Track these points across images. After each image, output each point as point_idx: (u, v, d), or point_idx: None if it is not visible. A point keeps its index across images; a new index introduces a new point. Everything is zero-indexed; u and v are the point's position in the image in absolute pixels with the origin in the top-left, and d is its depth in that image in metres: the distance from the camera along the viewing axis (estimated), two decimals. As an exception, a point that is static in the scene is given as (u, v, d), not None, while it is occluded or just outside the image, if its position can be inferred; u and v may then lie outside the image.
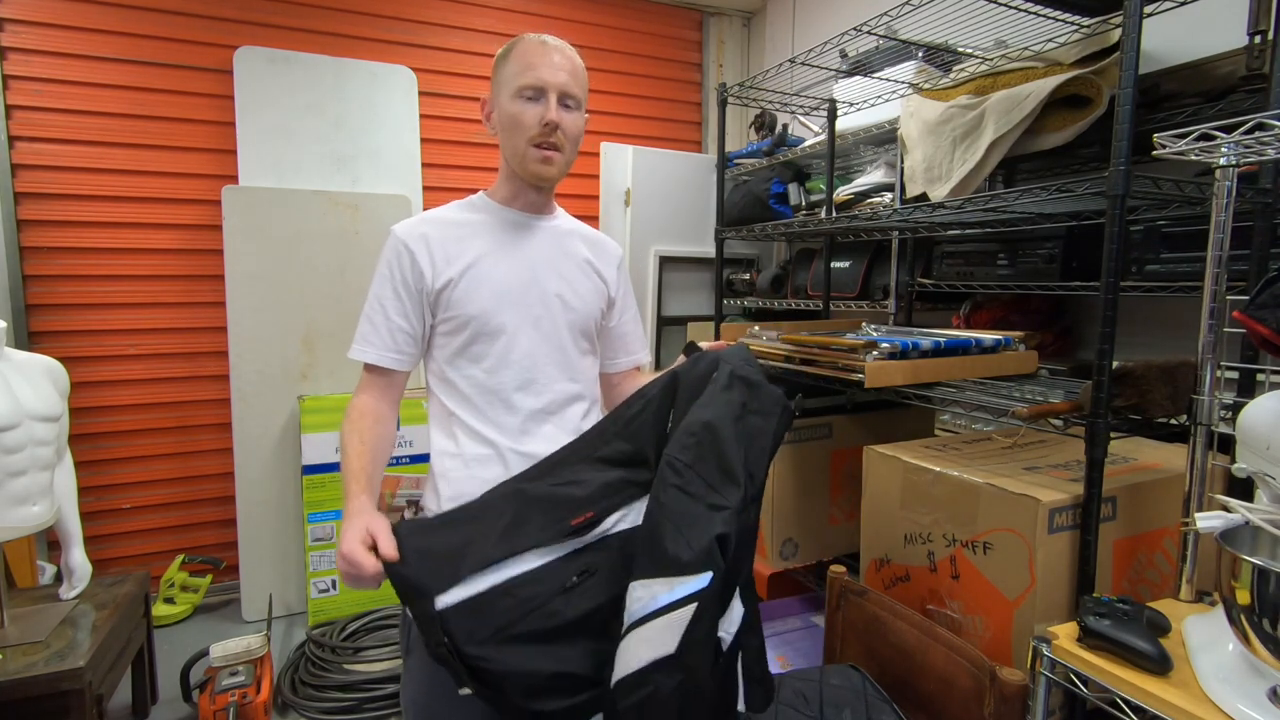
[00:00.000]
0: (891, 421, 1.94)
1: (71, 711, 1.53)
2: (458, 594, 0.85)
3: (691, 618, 0.78)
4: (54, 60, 2.43)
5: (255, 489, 2.61)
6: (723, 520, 0.81)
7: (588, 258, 1.20)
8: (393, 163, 2.84)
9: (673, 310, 3.14)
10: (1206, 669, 0.86)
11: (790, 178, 2.71)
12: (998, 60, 1.64)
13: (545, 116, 1.06)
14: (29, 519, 1.65)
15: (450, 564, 0.87)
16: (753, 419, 0.92)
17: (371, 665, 2.17)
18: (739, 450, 0.86)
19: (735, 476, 0.84)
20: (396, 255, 1.08)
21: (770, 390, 0.97)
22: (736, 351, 1.02)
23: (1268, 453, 0.91)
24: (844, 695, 1.20)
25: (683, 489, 0.83)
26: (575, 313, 1.16)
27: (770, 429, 0.93)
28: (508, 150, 1.11)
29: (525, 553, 0.90)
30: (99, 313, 2.56)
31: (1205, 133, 0.94)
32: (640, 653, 0.79)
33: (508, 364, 1.09)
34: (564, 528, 0.92)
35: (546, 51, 1.08)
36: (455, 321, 1.08)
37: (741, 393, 0.93)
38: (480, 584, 0.86)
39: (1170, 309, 1.68)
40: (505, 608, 0.85)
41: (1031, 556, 1.12)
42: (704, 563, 0.78)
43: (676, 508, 0.82)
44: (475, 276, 1.09)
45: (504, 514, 0.93)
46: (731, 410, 0.90)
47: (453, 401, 1.10)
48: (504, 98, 1.09)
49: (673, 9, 3.40)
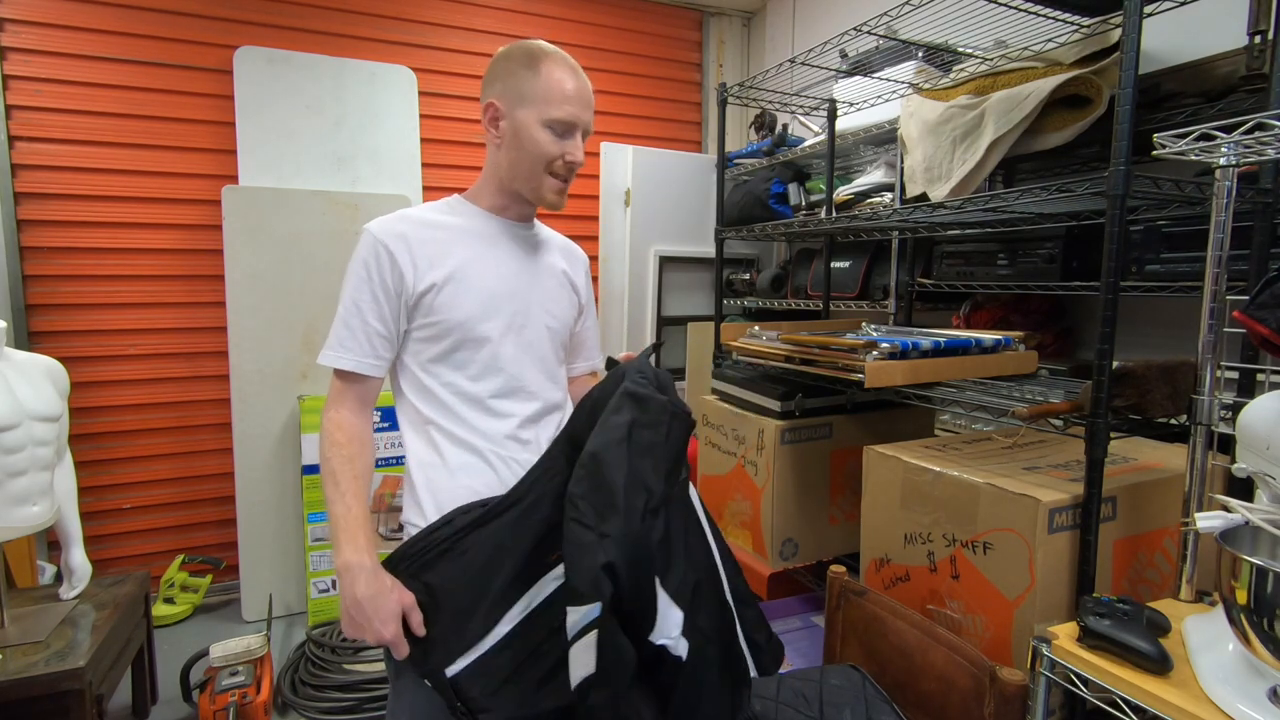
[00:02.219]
0: (891, 421, 1.94)
1: (71, 711, 1.53)
2: (465, 660, 0.92)
3: (598, 641, 0.83)
4: (54, 60, 2.43)
5: (255, 489, 2.61)
6: (605, 550, 0.84)
7: (564, 269, 1.21)
8: (393, 163, 2.84)
9: (673, 310, 3.14)
10: (1206, 669, 0.86)
11: (790, 178, 2.71)
12: (998, 60, 1.64)
13: (572, 156, 1.07)
14: (29, 519, 1.65)
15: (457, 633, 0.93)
16: (643, 433, 0.94)
17: (371, 665, 2.17)
18: (620, 473, 0.89)
19: (615, 503, 0.87)
20: (375, 256, 1.03)
21: (656, 401, 0.98)
22: (635, 364, 1.04)
23: (1268, 453, 0.91)
24: (844, 695, 1.20)
25: (579, 520, 0.87)
26: (555, 322, 1.16)
27: (660, 439, 0.96)
28: (519, 168, 1.08)
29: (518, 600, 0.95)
30: (99, 313, 2.56)
31: (1205, 133, 0.94)
32: (575, 670, 0.85)
33: (493, 372, 1.07)
34: (542, 564, 0.97)
35: (578, 82, 1.06)
36: (437, 328, 1.05)
37: (630, 410, 0.95)
38: (484, 646, 0.93)
39: (1170, 309, 1.68)
40: (505, 661, 0.93)
41: (1031, 556, 1.12)
42: (592, 593, 0.83)
43: (574, 539, 0.87)
44: (460, 282, 1.06)
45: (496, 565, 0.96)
46: (616, 434, 0.93)
47: (430, 408, 1.06)
48: (527, 118, 1.05)
49: (673, 9, 3.40)
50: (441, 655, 0.93)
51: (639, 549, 0.87)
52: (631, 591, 0.85)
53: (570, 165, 1.07)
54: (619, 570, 0.84)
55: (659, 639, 0.88)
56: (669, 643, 0.89)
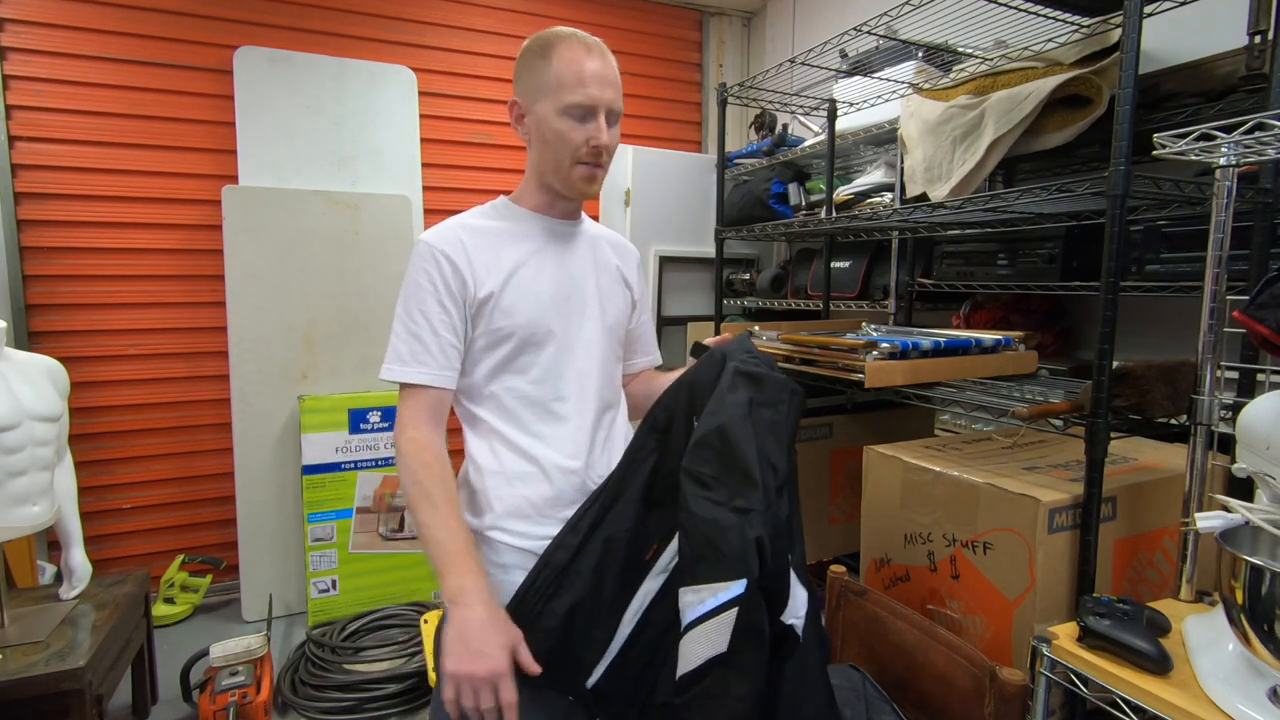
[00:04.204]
0: (891, 421, 1.94)
1: (71, 711, 1.53)
2: (600, 668, 0.94)
3: (735, 620, 0.81)
4: (54, 60, 2.43)
5: (255, 489, 2.61)
6: (751, 525, 0.83)
7: (618, 264, 1.18)
8: (393, 163, 2.84)
9: (673, 310, 3.14)
10: (1206, 669, 0.86)
11: (790, 178, 2.71)
12: (998, 60, 1.64)
13: (596, 139, 1.01)
14: (29, 519, 1.65)
15: (587, 645, 0.95)
16: (764, 411, 0.93)
17: (371, 665, 2.17)
18: (752, 449, 0.88)
19: (753, 477, 0.86)
20: (436, 265, 1.01)
21: (774, 379, 0.97)
22: (738, 345, 1.02)
23: (1268, 453, 0.91)
24: (844, 695, 1.20)
25: (710, 499, 0.85)
26: (611, 320, 1.14)
27: (781, 418, 0.94)
28: (547, 163, 1.06)
29: (630, 603, 0.96)
30: (99, 313, 2.56)
31: (1205, 133, 0.94)
32: (697, 650, 0.83)
33: (554, 374, 1.06)
34: (642, 564, 0.96)
35: (593, 60, 1.01)
36: (499, 333, 1.03)
37: (747, 389, 0.94)
38: (612, 651, 0.95)
39: (1170, 309, 1.68)
40: (634, 658, 0.94)
41: (1031, 556, 1.12)
42: (739, 569, 0.81)
43: (707, 515, 0.84)
44: (518, 285, 1.04)
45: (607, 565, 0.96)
46: (738, 410, 0.91)
47: (492, 415, 1.05)
48: (545, 109, 1.02)
49: (673, 9, 3.40)
50: (580, 671, 0.94)
51: (777, 525, 0.86)
52: (773, 569, 0.84)
53: (597, 149, 1.02)
54: (765, 547, 0.83)
55: (789, 619, 0.87)
56: (797, 622, 0.88)
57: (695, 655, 0.83)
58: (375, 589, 2.60)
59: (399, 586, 2.64)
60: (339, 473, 2.57)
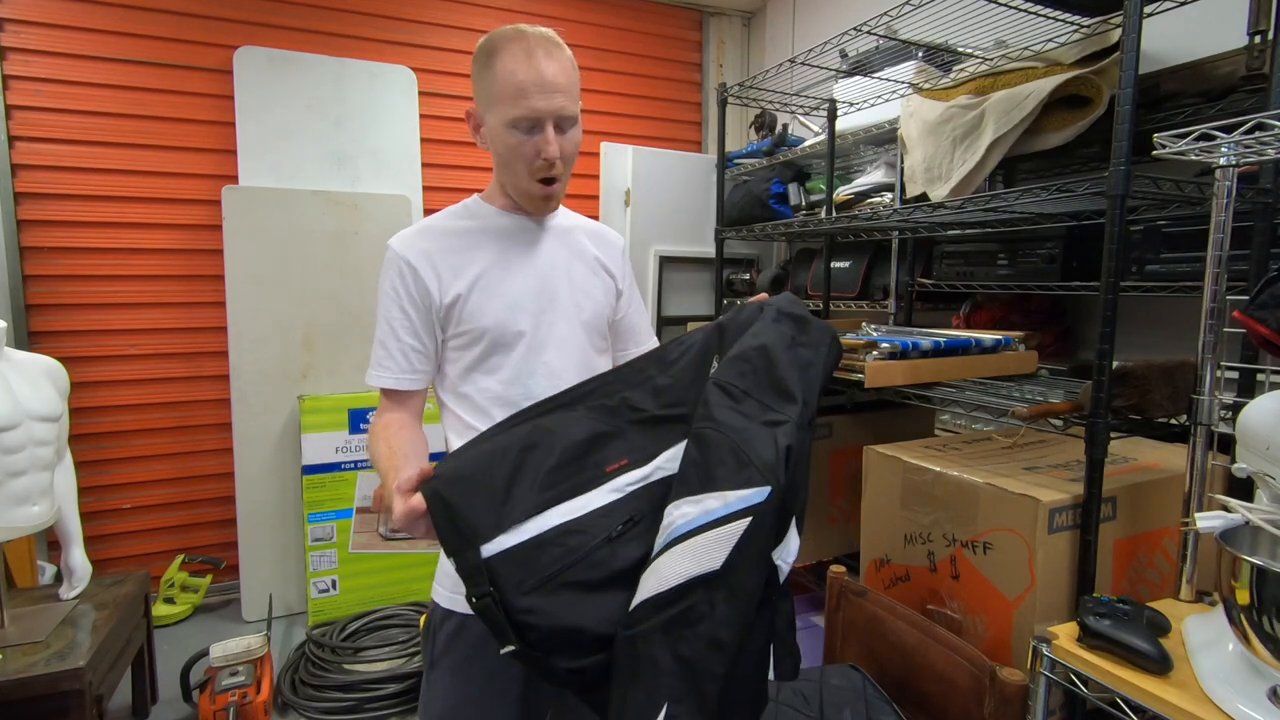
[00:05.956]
0: (891, 421, 1.94)
1: (71, 711, 1.53)
2: (503, 542, 0.79)
3: (744, 532, 0.73)
4: (54, 60, 2.43)
5: (255, 489, 2.61)
6: (784, 433, 0.78)
7: (595, 254, 1.17)
8: (393, 163, 2.84)
9: (673, 310, 3.14)
10: (1206, 669, 0.86)
11: (790, 178, 2.71)
12: (998, 60, 1.64)
13: (545, 152, 0.99)
14: (29, 519, 1.65)
15: (493, 508, 0.81)
16: (802, 351, 0.91)
17: (371, 665, 2.17)
18: (794, 371, 0.86)
19: (792, 394, 0.83)
20: (399, 273, 1.03)
21: (818, 323, 0.96)
22: (783, 296, 1.01)
23: (1268, 453, 0.91)
24: (844, 695, 1.20)
25: (739, 410, 0.81)
26: (588, 313, 1.13)
27: (820, 360, 0.92)
28: (505, 175, 1.06)
29: (569, 500, 0.83)
30: (99, 313, 2.56)
31: (1205, 133, 0.94)
32: (680, 567, 0.73)
33: (524, 374, 1.06)
34: (599, 474, 0.86)
35: (535, 66, 0.96)
36: (468, 335, 1.04)
37: (790, 326, 0.92)
38: (525, 532, 0.80)
39: (1170, 309, 1.68)
40: (552, 558, 0.80)
41: (1031, 556, 1.12)
42: (765, 475, 0.74)
43: (734, 425, 0.79)
44: (485, 288, 1.04)
45: (539, 444, 0.87)
46: (782, 339, 0.89)
47: (471, 415, 1.06)
48: (494, 121, 1.00)
49: (673, 9, 3.40)
50: (476, 532, 0.80)
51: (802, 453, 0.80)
52: (789, 488, 0.77)
53: (549, 161, 1.00)
54: (792, 459, 0.77)
55: (779, 559, 0.79)
56: (784, 566, 0.81)
57: (675, 572, 0.73)
58: (375, 589, 2.60)
59: (399, 586, 2.64)
60: (339, 473, 2.57)
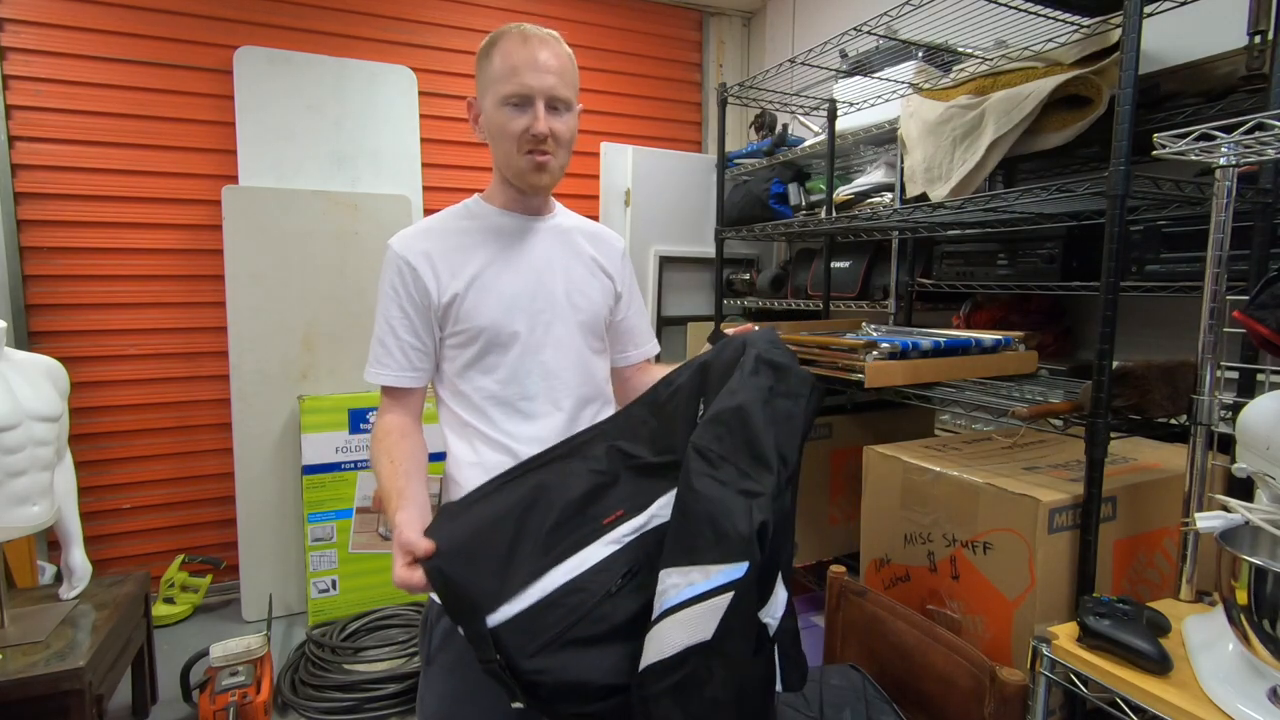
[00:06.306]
0: (891, 421, 1.94)
1: (71, 711, 1.53)
2: (507, 611, 0.83)
3: (729, 605, 0.76)
4: (54, 60, 2.43)
5: (255, 489, 2.61)
6: (759, 507, 0.80)
7: (593, 255, 1.18)
8: (393, 163, 2.84)
9: (673, 310, 3.14)
10: (1206, 669, 0.86)
11: (790, 178, 2.71)
12: (998, 60, 1.64)
13: (533, 127, 1.01)
14: (29, 519, 1.65)
15: (496, 577, 0.84)
16: (781, 402, 0.90)
17: (371, 665, 2.17)
18: (769, 434, 0.85)
19: (768, 461, 0.83)
20: (398, 273, 1.05)
21: (798, 373, 0.95)
22: (762, 335, 1.00)
23: (1268, 453, 0.91)
24: (844, 695, 1.20)
25: (716, 478, 0.82)
26: (585, 314, 1.13)
27: (799, 411, 0.92)
28: (499, 157, 1.08)
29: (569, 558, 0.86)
30: (99, 313, 2.56)
31: (1205, 133, 0.94)
32: (676, 638, 0.77)
33: (520, 374, 1.07)
34: (596, 527, 0.89)
35: (530, 50, 1.01)
36: (465, 334, 1.06)
37: (768, 376, 0.92)
38: (528, 598, 0.83)
39: (1170, 309, 1.68)
40: (555, 619, 0.83)
41: (1031, 556, 1.12)
42: (742, 551, 0.77)
43: (711, 495, 0.81)
44: (482, 288, 1.06)
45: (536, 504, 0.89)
46: (759, 394, 0.89)
47: (468, 413, 1.08)
48: (489, 104, 1.04)
49: (673, 9, 3.40)
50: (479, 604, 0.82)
51: (781, 517, 0.82)
52: (769, 560, 0.79)
53: (536, 137, 1.01)
54: (768, 533, 0.78)
55: (766, 617, 0.83)
56: (772, 623, 0.84)
57: (672, 643, 0.77)
58: (375, 589, 2.60)
59: (399, 586, 2.64)
60: (339, 473, 2.57)
